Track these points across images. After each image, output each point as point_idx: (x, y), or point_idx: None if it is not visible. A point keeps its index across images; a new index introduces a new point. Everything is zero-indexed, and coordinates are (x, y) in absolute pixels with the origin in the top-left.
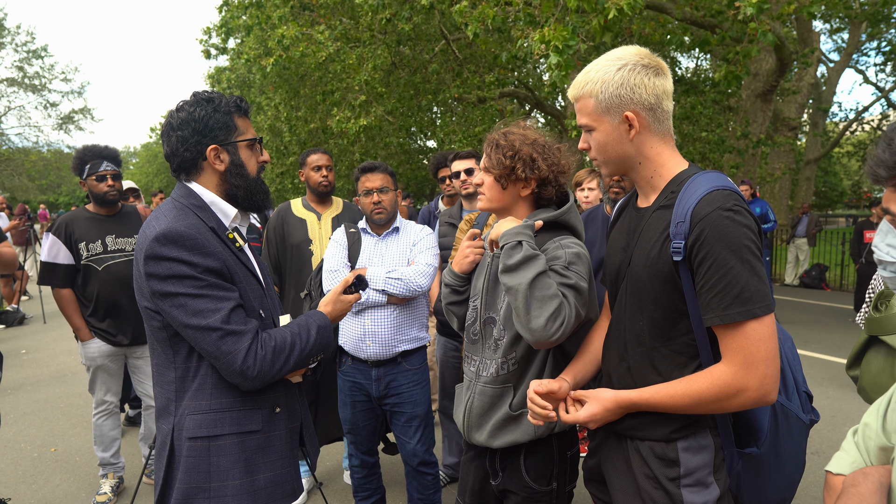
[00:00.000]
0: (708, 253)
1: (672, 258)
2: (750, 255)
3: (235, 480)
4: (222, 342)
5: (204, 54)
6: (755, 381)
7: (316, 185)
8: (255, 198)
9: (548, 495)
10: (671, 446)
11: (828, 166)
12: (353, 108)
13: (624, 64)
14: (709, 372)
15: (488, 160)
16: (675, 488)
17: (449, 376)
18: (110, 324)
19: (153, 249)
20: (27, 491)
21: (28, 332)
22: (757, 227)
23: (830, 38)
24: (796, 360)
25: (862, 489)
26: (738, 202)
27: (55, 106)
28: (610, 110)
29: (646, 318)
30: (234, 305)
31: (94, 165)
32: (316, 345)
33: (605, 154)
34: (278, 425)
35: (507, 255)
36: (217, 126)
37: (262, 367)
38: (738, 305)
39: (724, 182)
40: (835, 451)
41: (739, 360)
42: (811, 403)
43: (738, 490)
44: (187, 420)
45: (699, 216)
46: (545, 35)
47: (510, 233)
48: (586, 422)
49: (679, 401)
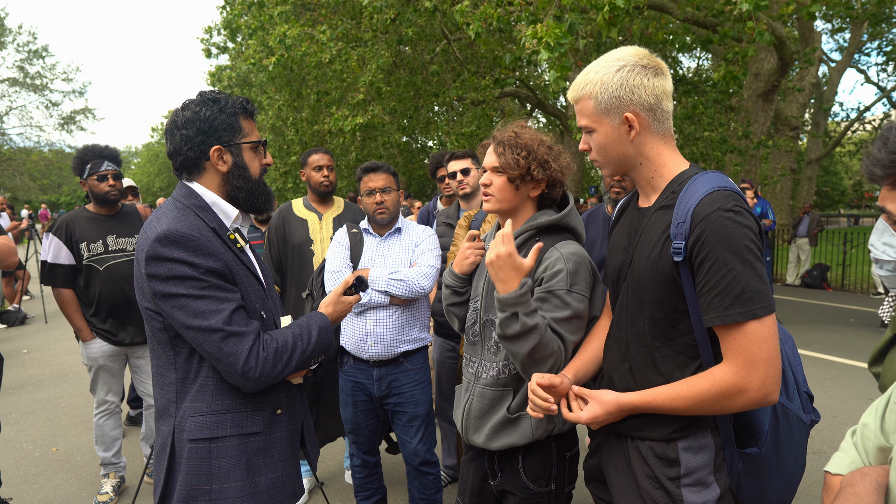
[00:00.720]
0: (709, 253)
1: (672, 258)
2: (751, 255)
3: (237, 482)
4: (224, 343)
5: (205, 53)
6: (756, 381)
7: (317, 185)
8: (256, 200)
9: (546, 496)
10: (671, 446)
11: (829, 166)
12: (351, 107)
13: (623, 65)
14: (710, 373)
15: (502, 160)
16: (675, 488)
17: (445, 377)
18: (112, 324)
19: (154, 250)
20: (29, 491)
21: (29, 331)
22: (758, 228)
23: (832, 37)
24: (797, 361)
25: (859, 489)
26: (738, 203)
27: (57, 106)
28: (610, 111)
29: (647, 317)
30: (235, 307)
31: (95, 165)
32: (317, 346)
33: (605, 155)
34: (279, 427)
35: (505, 325)
36: (222, 127)
37: (263, 369)
38: (739, 306)
39: (725, 182)
40: (836, 451)
41: (741, 360)
42: (812, 404)
43: (739, 490)
44: (188, 422)
45: (700, 217)
46: (538, 31)
47: (506, 302)
48: (588, 423)
49: (681, 403)
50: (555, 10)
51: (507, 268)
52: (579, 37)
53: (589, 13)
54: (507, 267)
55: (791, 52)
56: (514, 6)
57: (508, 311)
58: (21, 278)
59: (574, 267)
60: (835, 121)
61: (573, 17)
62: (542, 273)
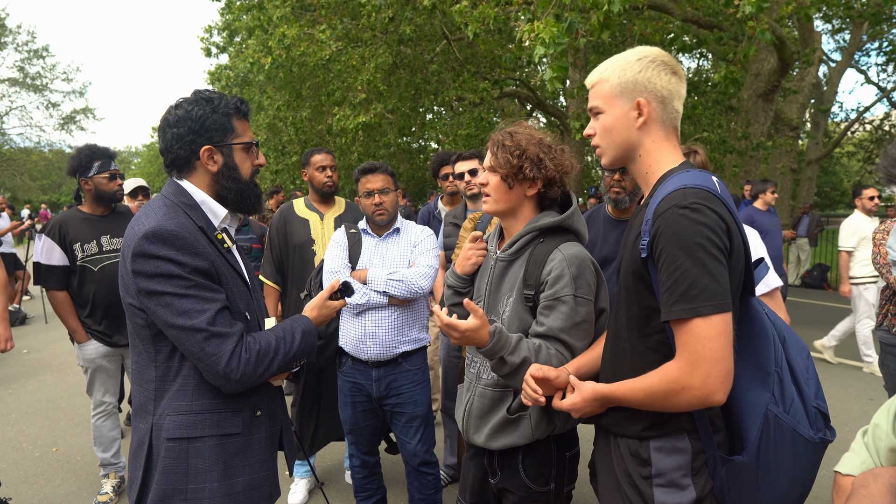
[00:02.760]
0: (662, 250)
1: (641, 255)
2: (702, 252)
3: (213, 483)
4: (207, 343)
5: (204, 52)
6: (698, 379)
7: (321, 185)
8: (245, 201)
9: (545, 495)
10: (644, 445)
11: (828, 166)
12: (353, 107)
13: (645, 56)
14: (661, 369)
15: (494, 159)
16: (647, 487)
17: (452, 376)
18: (107, 325)
19: (141, 247)
20: (29, 491)
21: (30, 331)
22: (723, 226)
23: (832, 38)
24: (810, 374)
25: (872, 490)
26: (699, 200)
27: (57, 106)
28: (624, 94)
29: (624, 313)
30: (220, 307)
31: (105, 164)
32: (300, 349)
33: (608, 139)
34: (259, 429)
35: (496, 369)
36: (213, 127)
37: (245, 371)
38: (684, 303)
39: (696, 180)
40: (837, 450)
41: (685, 357)
42: (827, 422)
43: (723, 496)
44: (167, 420)
45: (658, 214)
46: (535, 28)
47: (487, 353)
48: (567, 409)
49: (636, 395)
50: (554, 9)
51: (467, 339)
52: (578, 36)
53: (588, 13)
54: (466, 339)
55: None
56: (513, 5)
57: (494, 358)
58: (21, 278)
59: (577, 270)
60: (835, 121)
61: (572, 17)
62: (545, 276)
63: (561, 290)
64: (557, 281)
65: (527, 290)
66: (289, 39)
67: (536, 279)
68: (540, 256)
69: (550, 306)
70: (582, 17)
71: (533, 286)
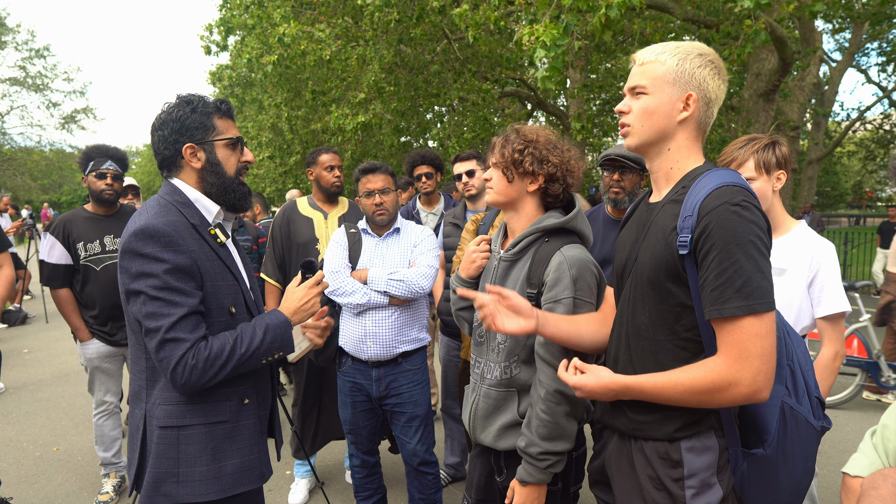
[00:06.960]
0: (712, 246)
1: (678, 252)
2: (755, 251)
3: (203, 467)
4: (161, 348)
5: (204, 50)
6: (748, 375)
7: (329, 185)
8: (228, 196)
9: (552, 495)
10: (675, 446)
11: (829, 166)
12: (352, 106)
13: (706, 54)
14: (703, 363)
15: (497, 155)
16: (678, 489)
17: (452, 375)
18: (109, 324)
19: (129, 244)
20: (29, 490)
21: (30, 331)
22: (766, 226)
23: (832, 37)
24: (809, 366)
25: (883, 492)
26: (747, 198)
27: (57, 106)
28: (677, 82)
29: (647, 311)
30: (186, 312)
31: (98, 163)
32: (266, 345)
33: (646, 121)
34: (246, 415)
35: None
36: (193, 126)
37: (190, 377)
38: (739, 300)
39: (736, 179)
40: (837, 451)
41: (734, 353)
42: (823, 410)
43: (743, 490)
44: (158, 409)
45: (706, 210)
46: (535, 31)
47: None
48: (575, 386)
49: (671, 389)
50: (552, 11)
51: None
52: (575, 38)
53: (586, 15)
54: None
55: (792, 51)
56: (515, 6)
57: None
58: (22, 278)
59: (577, 273)
60: (835, 121)
61: (569, 18)
62: (546, 278)
63: (561, 292)
64: (557, 283)
65: (529, 290)
66: (288, 38)
67: (539, 279)
68: (543, 257)
69: (551, 309)
70: (578, 19)
71: (535, 286)
